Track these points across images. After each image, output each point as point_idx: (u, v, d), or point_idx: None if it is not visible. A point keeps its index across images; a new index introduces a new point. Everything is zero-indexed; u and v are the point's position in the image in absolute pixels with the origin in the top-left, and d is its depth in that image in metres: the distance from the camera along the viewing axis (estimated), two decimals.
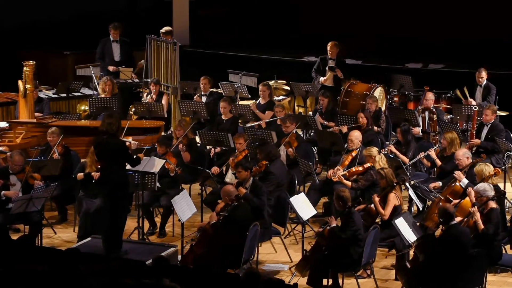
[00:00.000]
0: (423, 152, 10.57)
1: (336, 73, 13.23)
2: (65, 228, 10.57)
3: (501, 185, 10.29)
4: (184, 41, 15.79)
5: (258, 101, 12.77)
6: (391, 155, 10.75)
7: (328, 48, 13.40)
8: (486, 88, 12.47)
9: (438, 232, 8.81)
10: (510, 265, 8.66)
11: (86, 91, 13.84)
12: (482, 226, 8.54)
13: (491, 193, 8.76)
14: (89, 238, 9.53)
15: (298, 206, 9.14)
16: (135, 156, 9.36)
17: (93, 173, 9.95)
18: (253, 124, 12.07)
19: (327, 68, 13.34)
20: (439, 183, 10.13)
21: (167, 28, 13.94)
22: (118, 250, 9.04)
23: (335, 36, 15.25)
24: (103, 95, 12.72)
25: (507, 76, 13.40)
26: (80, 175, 10.10)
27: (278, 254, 9.67)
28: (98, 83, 13.16)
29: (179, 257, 9.18)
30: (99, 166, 9.58)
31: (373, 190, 9.73)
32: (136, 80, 13.97)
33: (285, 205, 9.55)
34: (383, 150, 10.83)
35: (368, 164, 10.02)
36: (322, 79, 13.18)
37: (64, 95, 13.52)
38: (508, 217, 9.36)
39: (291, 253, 9.57)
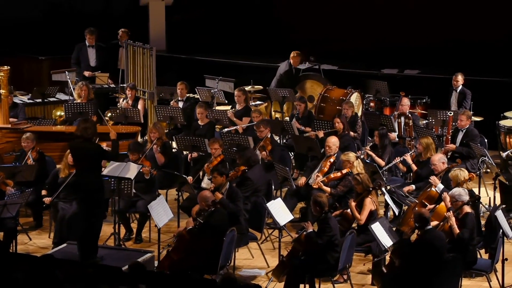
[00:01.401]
0: (399, 157, 10.63)
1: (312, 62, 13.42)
2: (40, 234, 10.48)
3: (476, 190, 10.37)
4: (161, 46, 15.75)
5: (235, 107, 12.77)
6: (367, 160, 10.81)
7: (292, 57, 13.50)
8: (462, 93, 12.59)
9: (413, 237, 8.85)
10: (485, 269, 8.72)
11: (61, 96, 13.76)
12: (458, 231, 8.60)
13: (466, 197, 8.83)
14: (64, 244, 9.46)
15: (275, 211, 9.15)
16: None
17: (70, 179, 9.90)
18: (230, 129, 12.07)
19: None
20: (413, 186, 10.20)
21: (123, 29, 13.95)
22: (94, 256, 8.98)
23: (312, 41, 15.33)
24: (78, 101, 12.65)
25: (482, 81, 13.53)
26: (47, 199, 9.98)
27: (255, 260, 9.66)
28: (73, 88, 13.09)
29: (156, 263, 9.14)
30: (73, 171, 9.51)
31: (350, 195, 9.77)
32: (112, 86, 13.92)
33: (262, 210, 9.55)
34: (359, 152, 10.89)
35: (346, 170, 10.05)
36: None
37: (39, 100, 13.42)
38: (482, 222, 9.44)
39: (268, 259, 9.57)
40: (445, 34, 14.84)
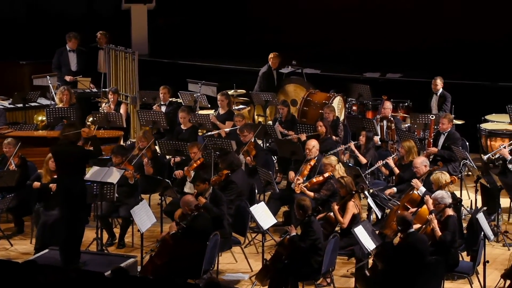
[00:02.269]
0: (381, 161, 10.67)
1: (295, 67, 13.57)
2: (22, 240, 10.40)
3: (457, 193, 10.44)
4: (143, 50, 15.72)
5: (217, 111, 12.77)
6: (350, 164, 10.84)
7: (270, 58, 13.54)
8: (442, 97, 12.67)
9: (396, 240, 8.89)
10: (466, 272, 8.77)
11: (43, 101, 13.69)
12: (440, 233, 8.65)
13: (448, 200, 8.88)
14: (46, 250, 9.40)
15: (258, 215, 9.15)
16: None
17: (50, 185, 9.82)
18: (212, 133, 12.06)
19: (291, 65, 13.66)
20: (394, 189, 10.24)
21: (101, 32, 13.94)
22: (77, 262, 8.94)
23: (295, 45, 15.37)
24: (60, 105, 12.59)
25: (463, 85, 13.62)
26: (36, 184, 9.96)
27: (238, 264, 9.66)
28: (55, 93, 13.02)
29: (139, 268, 9.11)
30: (55, 176, 9.46)
31: (333, 199, 9.79)
32: (94, 90, 13.87)
33: (245, 214, 9.55)
34: (343, 146, 10.90)
35: (328, 174, 10.07)
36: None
37: (21, 105, 13.34)
38: (464, 225, 9.49)
39: (251, 263, 9.56)
40: (427, 38, 14.94)
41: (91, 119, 12.77)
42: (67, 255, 8.96)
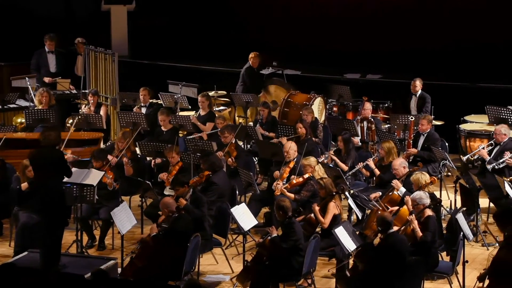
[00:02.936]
0: (361, 163, 10.70)
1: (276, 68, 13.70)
2: (1, 242, 10.32)
3: (437, 193, 10.50)
4: (123, 51, 15.66)
5: (198, 112, 12.75)
6: (330, 164, 10.87)
7: (251, 57, 13.57)
8: (422, 98, 12.73)
9: (377, 241, 8.92)
10: (446, 272, 8.83)
11: (22, 102, 13.58)
12: (420, 234, 8.69)
13: (428, 201, 8.92)
14: (25, 253, 9.33)
15: (239, 216, 9.15)
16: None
17: (22, 184, 9.77)
18: (194, 136, 12.03)
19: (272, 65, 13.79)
20: (379, 193, 10.26)
21: (78, 39, 13.89)
22: (57, 264, 8.88)
23: (275, 46, 15.38)
24: (39, 107, 12.51)
25: (442, 86, 13.71)
26: (25, 184, 9.88)
27: (219, 265, 9.65)
28: (34, 95, 12.94)
29: (119, 270, 9.07)
30: (33, 179, 9.41)
31: (314, 200, 9.81)
32: (74, 91, 13.79)
33: (226, 215, 9.54)
34: (322, 156, 10.94)
35: (307, 175, 10.09)
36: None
37: None
38: (444, 225, 9.55)
39: (232, 264, 9.56)
40: (406, 39, 15.01)
41: (70, 121, 12.70)
42: (47, 258, 8.89)
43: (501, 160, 10.42)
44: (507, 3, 14.45)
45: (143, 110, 12.83)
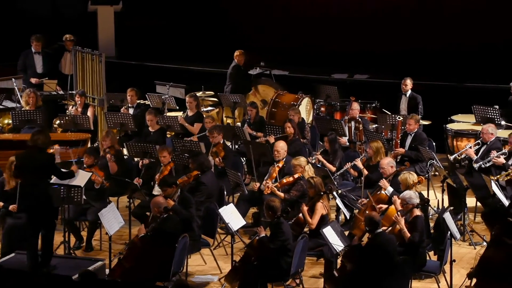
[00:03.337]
0: (349, 163, 10.71)
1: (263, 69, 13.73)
2: None
3: (424, 193, 10.53)
4: (110, 52, 15.62)
5: (186, 112, 12.73)
6: (318, 165, 10.88)
7: (236, 55, 13.56)
8: (413, 99, 12.73)
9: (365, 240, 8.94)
10: (433, 271, 8.85)
11: (8, 103, 13.51)
12: (408, 235, 8.71)
13: (416, 200, 8.95)
14: (12, 254, 9.28)
15: (227, 217, 9.14)
16: (67, 170, 9.25)
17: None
18: (189, 139, 12.00)
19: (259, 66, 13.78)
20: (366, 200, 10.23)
21: (67, 36, 13.84)
22: (48, 265, 8.86)
23: (263, 46, 15.39)
24: (26, 108, 12.46)
25: (429, 86, 13.75)
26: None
27: (207, 266, 9.63)
28: (21, 96, 12.88)
29: (107, 271, 9.04)
30: (20, 182, 9.37)
31: (303, 200, 9.82)
32: (61, 92, 13.74)
33: (214, 216, 9.53)
34: (310, 158, 10.96)
35: (298, 175, 10.10)
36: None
37: None
38: (431, 224, 9.58)
39: (220, 264, 9.55)
40: (393, 40, 15.06)
41: (58, 122, 12.64)
42: (34, 260, 8.86)
43: (487, 159, 10.47)
44: (490, 4, 14.54)
45: (131, 111, 12.80)
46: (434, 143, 11.81)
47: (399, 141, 11.39)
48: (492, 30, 14.44)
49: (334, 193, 9.78)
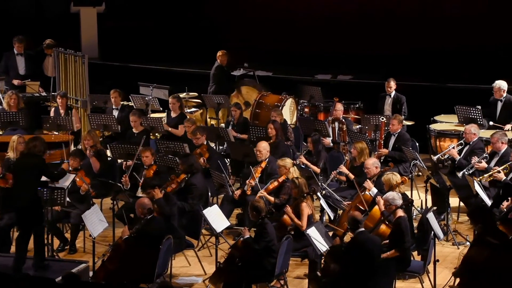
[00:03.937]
0: (335, 171, 10.64)
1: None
2: None
3: (408, 193, 10.57)
4: (93, 53, 15.56)
5: (169, 114, 12.69)
6: (302, 166, 10.88)
7: (218, 56, 13.56)
8: (397, 99, 12.77)
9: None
10: (417, 271, 8.88)
11: None
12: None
13: (399, 202, 8.97)
14: None
15: (211, 218, 9.13)
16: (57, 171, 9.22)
17: None
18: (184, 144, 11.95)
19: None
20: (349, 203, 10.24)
21: (47, 41, 13.79)
22: (43, 265, 8.84)
23: (246, 48, 15.39)
24: (8, 110, 12.38)
25: (412, 86, 13.80)
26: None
27: (191, 267, 9.62)
28: (3, 97, 12.80)
29: (91, 273, 9.00)
30: (6, 185, 9.33)
31: (290, 202, 9.79)
32: (43, 94, 13.67)
33: (199, 217, 9.52)
34: (295, 161, 10.95)
35: (283, 178, 10.08)
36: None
37: None
38: (415, 224, 9.62)
39: (205, 266, 9.54)
40: (377, 40, 15.12)
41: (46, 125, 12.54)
42: (19, 263, 8.80)
43: (470, 166, 10.49)
44: (468, 7, 14.64)
45: (115, 113, 12.75)
46: (417, 144, 11.85)
47: (382, 142, 11.42)
48: (473, 32, 14.53)
49: (318, 193, 9.78)
